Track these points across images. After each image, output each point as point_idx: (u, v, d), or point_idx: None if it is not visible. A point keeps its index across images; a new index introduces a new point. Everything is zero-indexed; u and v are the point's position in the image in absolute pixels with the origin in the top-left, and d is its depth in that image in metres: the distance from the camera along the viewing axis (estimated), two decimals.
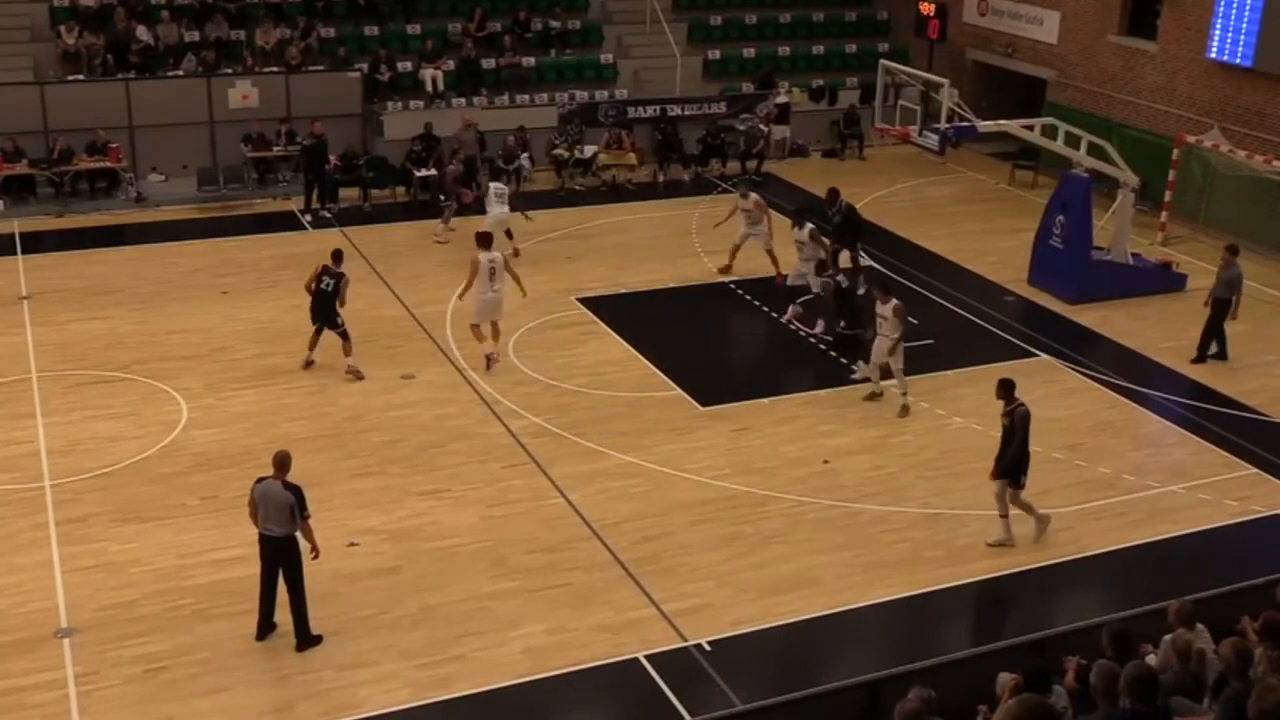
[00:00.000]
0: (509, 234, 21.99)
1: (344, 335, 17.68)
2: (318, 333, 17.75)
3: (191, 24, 27.73)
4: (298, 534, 11.83)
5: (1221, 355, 19.09)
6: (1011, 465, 13.80)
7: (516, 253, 21.83)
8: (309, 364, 17.88)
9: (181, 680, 11.55)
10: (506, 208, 21.99)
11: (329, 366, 18.04)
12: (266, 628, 12.16)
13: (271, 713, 11.21)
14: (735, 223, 21.81)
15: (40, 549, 13.50)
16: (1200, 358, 19.01)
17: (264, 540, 11.88)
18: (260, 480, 11.85)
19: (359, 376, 17.61)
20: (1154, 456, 16.45)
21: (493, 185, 22.65)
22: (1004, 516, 13.97)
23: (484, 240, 18.13)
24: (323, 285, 17.55)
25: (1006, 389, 13.92)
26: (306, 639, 12.06)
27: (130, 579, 13.02)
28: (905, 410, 17.07)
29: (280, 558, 11.88)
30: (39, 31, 26.93)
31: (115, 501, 14.47)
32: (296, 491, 11.72)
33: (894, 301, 16.93)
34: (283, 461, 11.83)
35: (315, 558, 12.01)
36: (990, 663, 9.58)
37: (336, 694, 11.43)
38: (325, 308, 17.61)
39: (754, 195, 21.73)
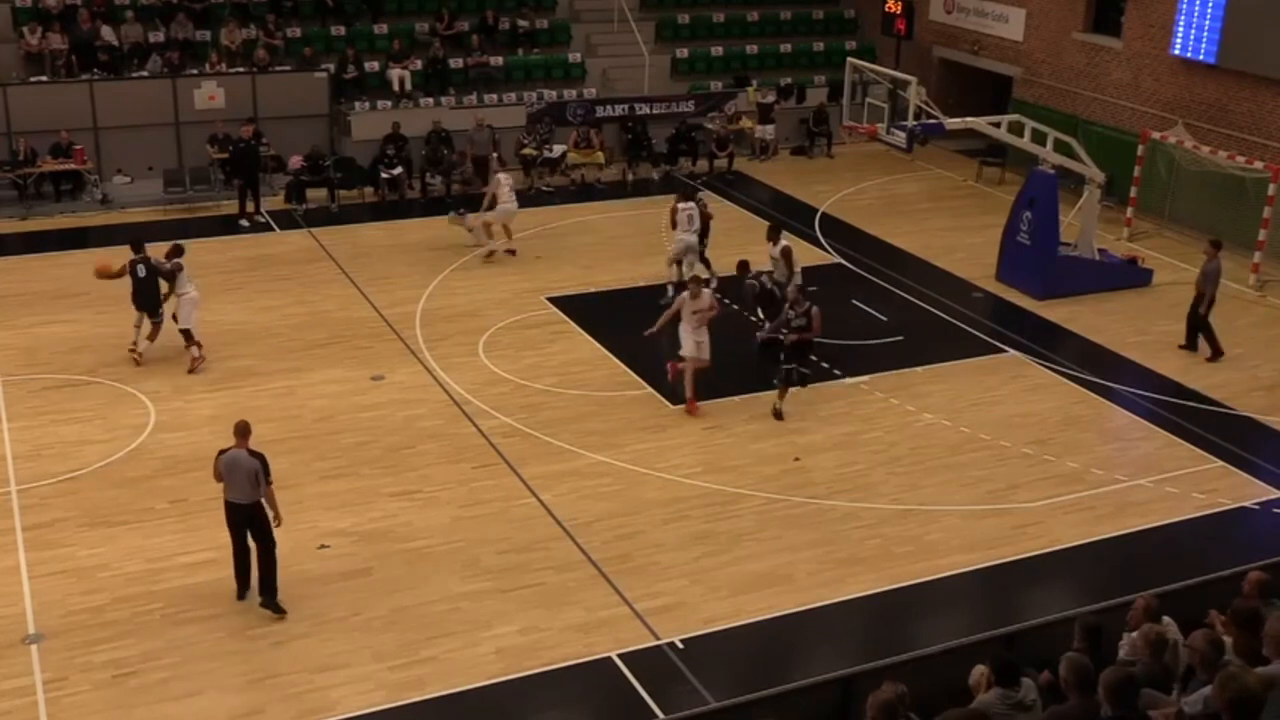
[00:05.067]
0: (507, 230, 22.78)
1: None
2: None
3: (156, 24, 27.53)
4: (262, 500, 12.27)
5: (1201, 349, 19.34)
6: None
7: (512, 251, 22.70)
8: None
9: (151, 685, 11.47)
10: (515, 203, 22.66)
11: (299, 369, 17.96)
12: (245, 586, 12.55)
13: (243, 717, 11.14)
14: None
15: (7, 555, 13.38)
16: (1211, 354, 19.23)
17: (231, 508, 12.31)
18: (224, 451, 12.28)
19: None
20: (1122, 450, 16.56)
21: (503, 177, 22.90)
22: None
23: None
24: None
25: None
26: (274, 601, 12.42)
27: (99, 584, 12.92)
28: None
29: (249, 523, 12.31)
30: (1, 33, 26.66)
31: (83, 506, 14.36)
32: (261, 459, 12.21)
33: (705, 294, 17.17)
34: (244, 430, 12.35)
35: (278, 525, 12.41)
36: (962, 657, 9.61)
37: (309, 697, 11.37)
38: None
39: (706, 293, 17.49)
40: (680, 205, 20.87)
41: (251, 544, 12.44)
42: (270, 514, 12.35)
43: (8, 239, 23.16)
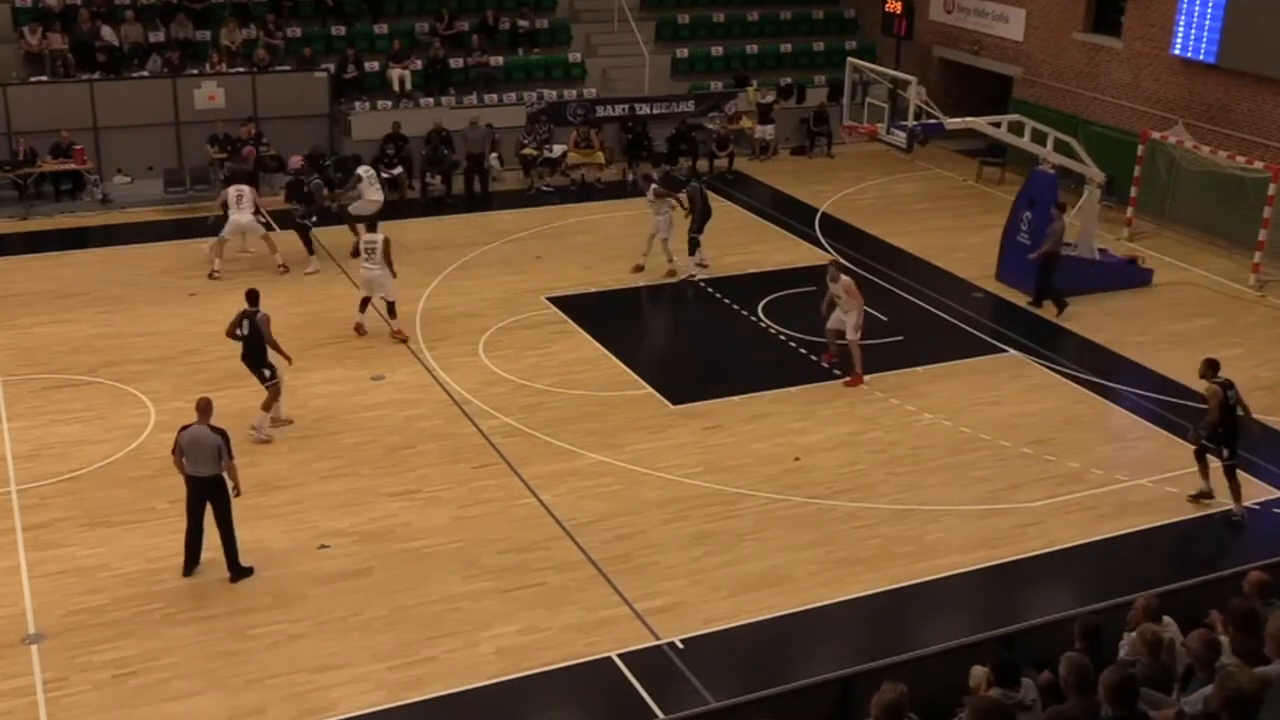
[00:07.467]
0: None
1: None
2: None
3: (156, 24, 27.53)
4: (224, 474, 12.72)
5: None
6: None
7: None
8: None
9: (151, 685, 11.47)
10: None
11: (299, 369, 17.94)
12: (193, 563, 13.00)
13: (243, 717, 11.14)
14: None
15: (7, 555, 13.38)
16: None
17: (192, 481, 12.74)
18: (186, 427, 12.73)
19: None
20: (1122, 450, 16.57)
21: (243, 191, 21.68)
22: None
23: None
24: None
25: None
26: (239, 571, 12.95)
27: (99, 583, 12.92)
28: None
29: (210, 496, 12.74)
30: (1, 33, 26.66)
31: (83, 506, 14.36)
32: (223, 435, 12.71)
33: (845, 279, 17.61)
34: (206, 406, 12.87)
35: (238, 495, 12.92)
36: (962, 657, 9.61)
37: (309, 697, 11.37)
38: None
39: (845, 278, 18.03)
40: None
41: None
42: (230, 485, 12.81)
43: (8, 239, 23.16)
